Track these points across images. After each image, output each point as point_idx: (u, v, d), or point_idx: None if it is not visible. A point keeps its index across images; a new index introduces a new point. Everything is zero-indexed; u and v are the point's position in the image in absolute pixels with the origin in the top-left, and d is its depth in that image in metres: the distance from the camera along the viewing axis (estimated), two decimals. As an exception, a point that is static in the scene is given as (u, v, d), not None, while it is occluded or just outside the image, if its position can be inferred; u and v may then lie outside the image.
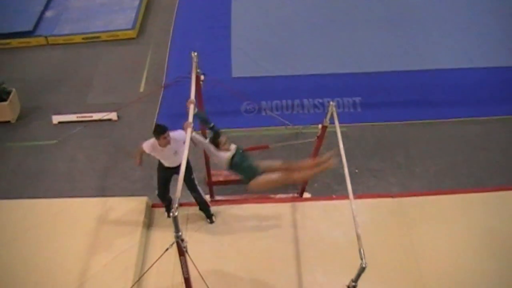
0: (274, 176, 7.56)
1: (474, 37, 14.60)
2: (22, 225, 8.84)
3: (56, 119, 12.17)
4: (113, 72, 13.93)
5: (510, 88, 13.00)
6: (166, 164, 8.30)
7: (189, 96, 7.01)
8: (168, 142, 7.75)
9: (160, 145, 7.83)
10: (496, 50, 14.15)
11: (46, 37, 14.99)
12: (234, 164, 7.51)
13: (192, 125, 6.64)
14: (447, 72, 13.53)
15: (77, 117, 12.20)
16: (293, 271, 8.43)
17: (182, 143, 6.86)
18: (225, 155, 7.47)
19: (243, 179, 7.61)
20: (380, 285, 8.20)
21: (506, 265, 8.50)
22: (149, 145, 8.00)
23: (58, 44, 14.99)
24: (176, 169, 7.30)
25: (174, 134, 7.62)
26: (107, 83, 13.54)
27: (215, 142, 7.46)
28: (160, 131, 7.66)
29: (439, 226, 9.07)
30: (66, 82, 13.56)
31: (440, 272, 8.38)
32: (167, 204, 9.05)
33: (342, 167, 6.83)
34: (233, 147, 7.65)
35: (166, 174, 8.52)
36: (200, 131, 8.59)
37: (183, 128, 6.75)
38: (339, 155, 7.03)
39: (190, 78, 7.30)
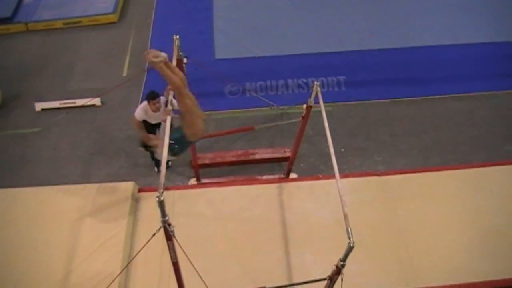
0: None
1: (458, 14, 14.57)
2: (7, 214, 8.80)
3: (38, 106, 12.03)
4: (95, 57, 13.77)
5: (494, 64, 13.02)
6: (153, 122, 9.13)
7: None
8: (158, 109, 8.73)
9: (152, 110, 8.88)
10: (480, 26, 14.14)
11: (25, 23, 14.73)
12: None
13: (171, 112, 6.79)
14: (431, 49, 13.52)
15: (60, 103, 12.07)
16: (281, 251, 8.46)
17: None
18: None
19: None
20: (368, 263, 8.26)
21: (490, 239, 8.60)
22: (141, 111, 8.94)
23: (38, 30, 14.74)
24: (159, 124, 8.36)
25: (164, 101, 7.74)
26: (89, 68, 13.39)
27: None
28: (152, 97, 8.70)
29: (425, 203, 9.14)
30: (47, 68, 13.39)
31: (426, 248, 8.46)
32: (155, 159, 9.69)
33: (328, 147, 6.84)
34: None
35: (151, 130, 9.08)
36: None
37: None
38: (325, 134, 7.02)
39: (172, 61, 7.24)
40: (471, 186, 9.40)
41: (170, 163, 10.33)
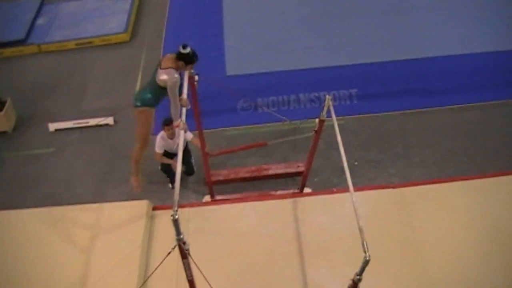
0: None
1: (468, 23, 14.55)
2: (22, 234, 8.78)
3: (52, 126, 12.12)
4: (107, 76, 13.88)
5: (506, 73, 12.94)
6: (170, 150, 9.99)
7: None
8: (174, 134, 9.64)
9: (168, 136, 9.71)
10: (490, 35, 14.09)
11: (38, 45, 14.93)
12: None
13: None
14: (442, 59, 13.48)
15: (74, 123, 12.16)
16: (297, 266, 8.40)
17: (189, 136, 9.45)
18: None
19: None
20: (385, 276, 8.18)
21: (507, 251, 8.48)
22: (160, 142, 9.85)
23: (51, 51, 14.92)
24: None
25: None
26: (102, 87, 13.49)
27: None
28: (166, 123, 9.47)
29: (441, 214, 9.05)
30: (61, 88, 13.50)
31: (442, 260, 8.36)
32: (171, 175, 10.25)
33: (341, 160, 6.82)
34: None
35: (170, 156, 10.08)
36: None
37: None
38: (338, 148, 7.02)
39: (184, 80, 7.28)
40: (487, 196, 9.29)
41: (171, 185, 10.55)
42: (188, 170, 10.62)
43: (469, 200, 9.23)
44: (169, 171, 10.24)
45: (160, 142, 9.81)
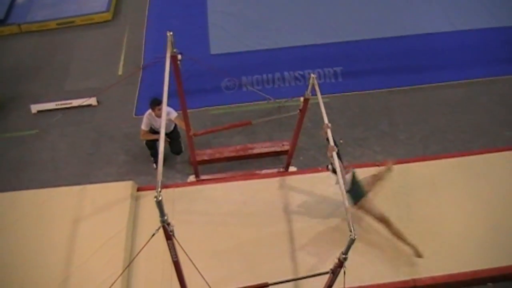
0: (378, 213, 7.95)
1: (454, 0, 14.48)
2: (7, 217, 8.74)
3: (35, 108, 11.96)
4: (90, 56, 13.69)
5: (492, 50, 12.97)
6: (158, 127, 9.72)
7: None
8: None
9: (156, 115, 9.62)
10: (476, 12, 14.04)
11: (19, 25, 14.62)
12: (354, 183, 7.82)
13: (335, 148, 6.94)
14: (429, 36, 13.43)
15: (56, 104, 11.99)
16: (283, 246, 8.42)
17: (173, 115, 9.53)
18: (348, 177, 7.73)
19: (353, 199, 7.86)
20: (371, 254, 8.22)
21: (493, 226, 8.57)
22: (146, 120, 9.77)
23: (32, 31, 14.63)
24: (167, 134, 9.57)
25: (166, 108, 7.77)
26: (84, 68, 13.31)
27: None
28: (156, 103, 9.43)
29: (426, 191, 9.10)
30: (42, 69, 13.30)
31: (429, 237, 8.42)
32: (155, 154, 10.20)
33: (327, 140, 6.81)
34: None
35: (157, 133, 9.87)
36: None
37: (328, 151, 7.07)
38: (323, 127, 7.01)
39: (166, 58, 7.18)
40: (472, 174, 9.35)
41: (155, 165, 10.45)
42: (176, 149, 10.58)
43: (455, 178, 9.29)
44: (153, 148, 10.23)
45: (146, 120, 9.75)
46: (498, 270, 8.09)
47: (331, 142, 6.90)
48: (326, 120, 7.08)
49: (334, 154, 6.70)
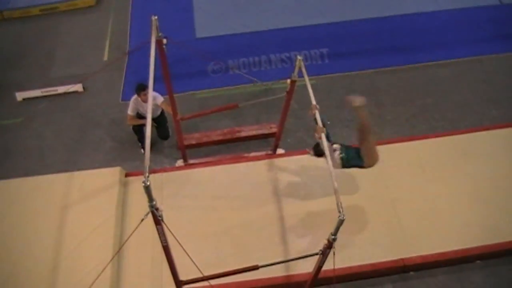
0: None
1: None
2: (-6, 206, 8.70)
3: (20, 95, 11.85)
4: (75, 42, 13.56)
5: (477, 29, 13.00)
6: (145, 112, 9.49)
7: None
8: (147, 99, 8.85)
9: (142, 100, 9.53)
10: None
11: (1, 11, 14.40)
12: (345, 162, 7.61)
13: (324, 130, 6.93)
14: (414, 16, 13.45)
15: (42, 92, 11.89)
16: (273, 228, 8.45)
17: (159, 100, 9.56)
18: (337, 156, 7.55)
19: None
20: (360, 235, 8.28)
21: (480, 205, 8.64)
22: (132, 105, 9.71)
23: (15, 18, 14.46)
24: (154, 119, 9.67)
25: (152, 93, 7.72)
26: (69, 54, 13.19)
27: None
28: (141, 89, 9.37)
29: (414, 171, 9.15)
30: (27, 57, 13.17)
31: (417, 217, 8.50)
32: (142, 138, 10.15)
33: (314, 120, 6.81)
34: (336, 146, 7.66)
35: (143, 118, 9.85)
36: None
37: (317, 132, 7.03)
38: (311, 108, 7.01)
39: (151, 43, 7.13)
40: (459, 152, 9.40)
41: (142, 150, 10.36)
42: (163, 134, 10.57)
43: (442, 157, 9.35)
44: (140, 133, 10.16)
45: (132, 105, 9.71)
46: (486, 247, 8.18)
47: (319, 123, 6.89)
48: (313, 101, 7.08)
49: (323, 136, 6.69)
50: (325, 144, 6.61)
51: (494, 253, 8.24)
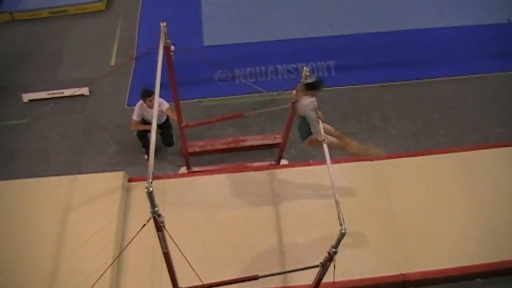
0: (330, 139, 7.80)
1: (447, -5, 14.52)
2: (-3, 207, 8.71)
3: (26, 97, 11.88)
4: (82, 46, 13.61)
5: (484, 46, 12.99)
6: (150, 118, 9.61)
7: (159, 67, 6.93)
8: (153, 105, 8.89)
9: (147, 106, 9.55)
10: (470, 8, 14.08)
11: (11, 13, 14.50)
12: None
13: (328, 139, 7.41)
14: (421, 32, 13.45)
15: (48, 94, 11.91)
16: (273, 238, 8.43)
17: (164, 107, 9.40)
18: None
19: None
20: (361, 248, 8.25)
21: (483, 222, 8.61)
22: (138, 111, 9.77)
23: (24, 20, 14.52)
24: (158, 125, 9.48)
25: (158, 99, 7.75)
26: (77, 57, 13.23)
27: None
28: (147, 95, 9.39)
29: (417, 186, 9.12)
30: (34, 58, 13.22)
31: (419, 232, 8.47)
32: (146, 144, 10.14)
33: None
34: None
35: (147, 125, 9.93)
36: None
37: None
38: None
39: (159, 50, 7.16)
40: (463, 169, 9.38)
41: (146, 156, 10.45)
42: (167, 140, 10.55)
43: (446, 173, 9.33)
44: (144, 139, 10.19)
45: (138, 111, 9.74)
46: (487, 266, 8.14)
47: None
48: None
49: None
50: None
51: (495, 272, 8.20)
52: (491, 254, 8.18)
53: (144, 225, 5.31)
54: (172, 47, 7.37)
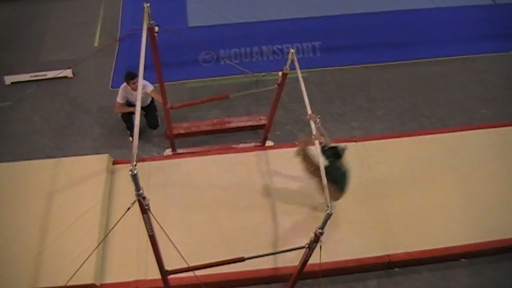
0: None
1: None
2: (-19, 190, 8.63)
3: (8, 79, 11.73)
4: (65, 27, 13.45)
5: (470, 28, 13.03)
6: (134, 100, 9.23)
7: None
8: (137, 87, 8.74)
9: (131, 89, 9.43)
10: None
11: (-9, -7, 14.35)
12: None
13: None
14: (407, 13, 13.46)
15: (31, 76, 11.77)
16: (260, 220, 8.43)
17: (149, 89, 9.37)
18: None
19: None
20: (347, 229, 8.27)
21: (468, 203, 8.66)
22: (122, 93, 9.61)
23: (5, 1, 14.31)
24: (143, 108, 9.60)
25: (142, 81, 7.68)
26: (60, 39, 13.08)
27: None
28: (130, 77, 9.25)
29: (403, 168, 9.16)
30: (17, 40, 13.05)
31: (405, 213, 8.50)
32: (131, 126, 10.00)
33: (304, 113, 6.79)
34: None
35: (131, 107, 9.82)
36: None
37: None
38: (300, 101, 6.98)
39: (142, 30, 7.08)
40: (448, 150, 9.43)
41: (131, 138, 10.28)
42: (152, 122, 10.46)
43: (431, 154, 9.38)
44: (129, 121, 10.07)
45: (122, 93, 9.63)
46: (471, 246, 8.19)
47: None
48: (305, 95, 7.06)
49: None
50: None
51: (479, 252, 8.26)
52: (476, 235, 8.24)
53: (129, 208, 5.27)
54: (156, 28, 7.30)
